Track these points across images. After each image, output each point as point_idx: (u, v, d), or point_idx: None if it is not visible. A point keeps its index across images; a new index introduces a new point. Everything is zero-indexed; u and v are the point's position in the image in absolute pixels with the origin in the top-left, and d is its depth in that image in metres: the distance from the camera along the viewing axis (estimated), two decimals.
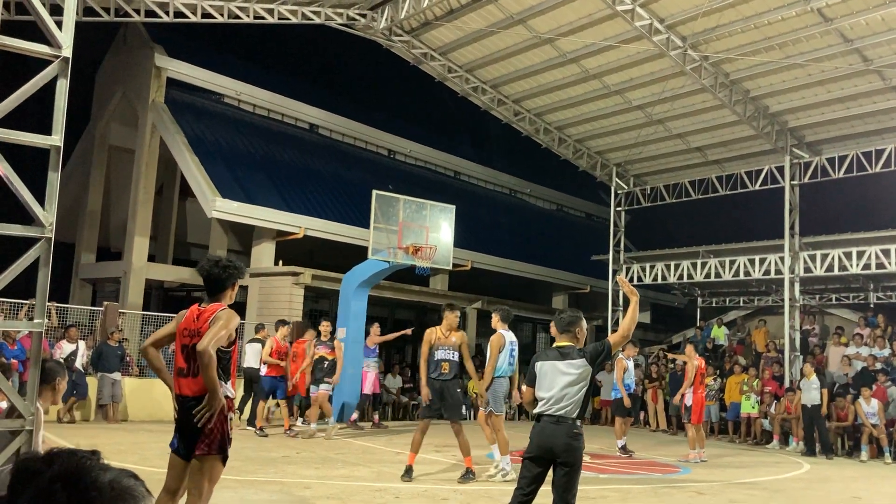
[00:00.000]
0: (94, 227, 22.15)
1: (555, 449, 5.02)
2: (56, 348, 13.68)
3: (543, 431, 5.08)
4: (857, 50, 14.93)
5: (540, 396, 5.17)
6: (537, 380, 5.23)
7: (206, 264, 4.84)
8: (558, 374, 5.13)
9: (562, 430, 5.03)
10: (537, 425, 5.16)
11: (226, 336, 4.54)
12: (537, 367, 5.27)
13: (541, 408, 5.15)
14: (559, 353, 5.25)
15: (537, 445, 5.10)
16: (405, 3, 16.66)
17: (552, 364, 5.20)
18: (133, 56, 20.84)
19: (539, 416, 5.17)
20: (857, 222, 19.43)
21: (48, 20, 4.85)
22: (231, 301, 4.86)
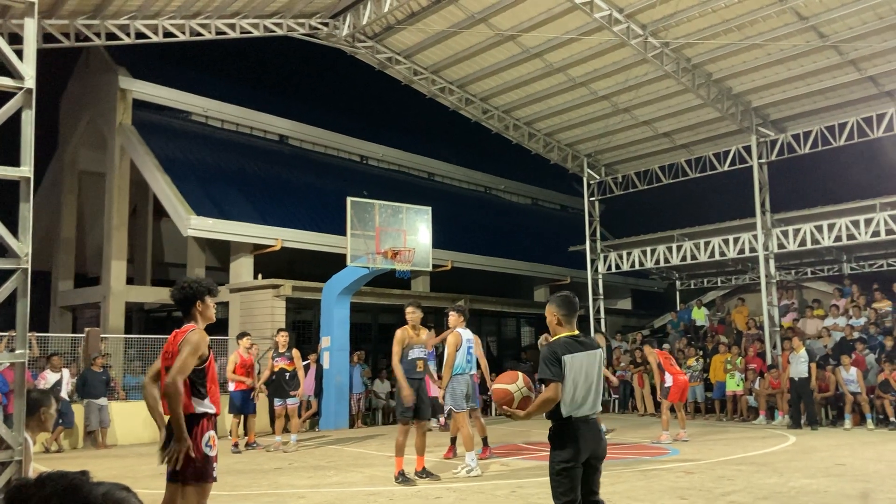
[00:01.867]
0: (70, 253, 22.02)
1: (600, 451, 4.69)
2: (40, 378, 13.59)
3: (590, 436, 4.60)
4: (814, 27, 15.18)
5: (576, 396, 4.56)
6: (569, 377, 4.55)
7: (172, 289, 4.98)
8: (592, 369, 4.66)
9: (600, 431, 4.73)
10: (580, 429, 4.57)
11: (193, 360, 4.59)
12: (568, 361, 4.57)
13: (580, 410, 4.58)
14: (580, 343, 4.70)
15: (587, 451, 4.58)
16: (366, 10, 16.71)
17: (584, 356, 4.64)
18: (97, 80, 20.74)
19: (577, 419, 4.58)
20: (826, 196, 19.76)
21: (8, 52, 4.88)
22: (206, 320, 4.90)
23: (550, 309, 4.80)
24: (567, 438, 4.52)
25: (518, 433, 14.83)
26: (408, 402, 8.84)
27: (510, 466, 10.32)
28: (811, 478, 8.83)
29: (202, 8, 16.13)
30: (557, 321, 4.78)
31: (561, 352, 4.58)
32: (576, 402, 4.55)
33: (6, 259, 4.69)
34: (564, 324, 4.77)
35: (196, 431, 4.61)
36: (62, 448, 13.63)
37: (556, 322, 4.79)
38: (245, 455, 12.23)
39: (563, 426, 4.56)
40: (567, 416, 4.53)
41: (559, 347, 4.62)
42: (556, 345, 4.66)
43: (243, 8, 16.49)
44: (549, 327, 4.89)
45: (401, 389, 8.95)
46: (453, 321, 10.15)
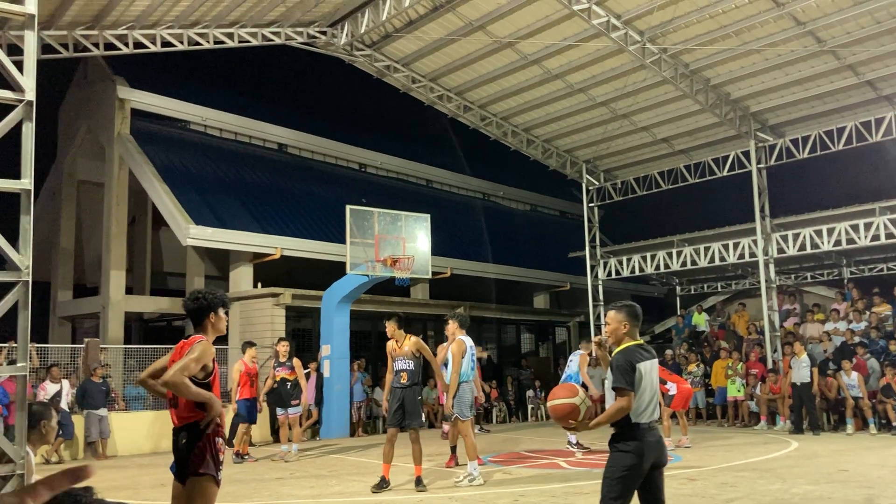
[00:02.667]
0: (69, 263, 21.98)
1: (663, 459, 4.65)
2: (39, 389, 13.56)
3: (654, 442, 4.57)
4: (811, 32, 15.22)
5: (643, 402, 4.56)
6: (640, 384, 4.55)
7: (186, 299, 4.96)
8: (655, 376, 4.70)
9: (661, 437, 4.66)
10: (646, 436, 4.54)
11: (196, 367, 4.56)
12: (640, 368, 4.58)
13: (644, 416, 4.57)
14: (647, 351, 4.74)
15: (651, 458, 4.54)
16: (364, 18, 16.74)
17: (651, 364, 4.68)
18: (95, 90, 20.74)
19: (643, 425, 4.55)
20: (826, 200, 19.77)
21: (9, 64, 4.88)
22: (217, 332, 4.87)
23: (617, 317, 4.81)
24: (632, 445, 4.51)
25: (517, 441, 14.80)
26: (384, 411, 9.27)
27: (512, 475, 10.29)
28: (814, 484, 8.80)
29: (200, 17, 16.15)
30: (626, 330, 4.79)
31: (636, 360, 4.60)
32: (642, 409, 4.55)
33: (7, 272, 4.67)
34: (630, 332, 4.79)
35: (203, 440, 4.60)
36: (62, 459, 13.58)
37: (623, 330, 4.79)
38: (246, 465, 12.18)
39: (629, 432, 4.54)
40: (634, 422, 4.53)
41: (633, 356, 4.63)
42: (630, 353, 4.66)
43: (241, 17, 16.52)
44: (613, 335, 4.83)
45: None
46: (452, 329, 10.11)
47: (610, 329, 4.85)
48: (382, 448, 9.24)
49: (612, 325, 4.83)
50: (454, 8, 16.11)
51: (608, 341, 4.93)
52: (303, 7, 16.52)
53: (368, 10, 16.57)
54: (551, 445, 13.76)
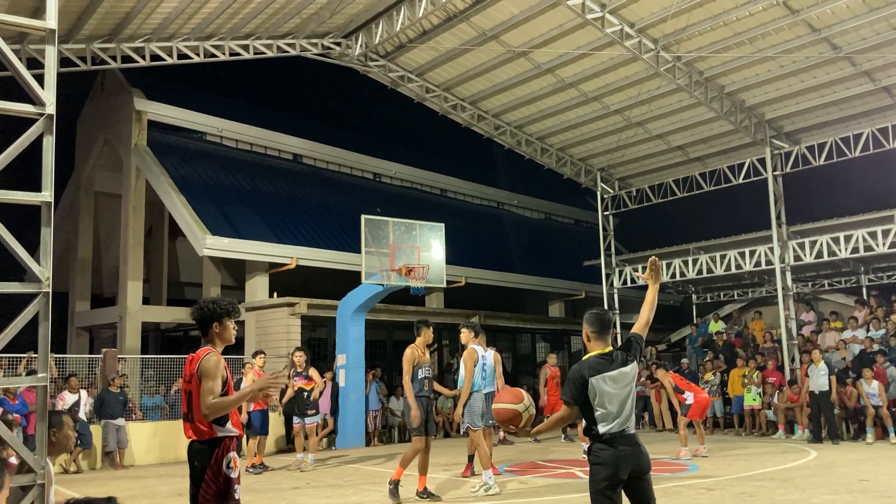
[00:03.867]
0: (87, 274, 22.17)
1: (642, 465, 4.56)
2: (58, 399, 13.66)
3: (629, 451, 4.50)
4: (826, 39, 15.15)
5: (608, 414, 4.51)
6: (599, 397, 4.51)
7: (192, 308, 4.98)
8: (623, 384, 4.57)
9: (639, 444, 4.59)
10: (618, 446, 4.49)
11: (217, 385, 4.59)
12: (594, 382, 4.52)
13: (614, 426, 4.52)
14: (610, 361, 4.61)
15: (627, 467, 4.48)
16: (378, 29, 16.84)
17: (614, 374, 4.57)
18: (112, 102, 20.96)
19: (613, 435, 4.51)
20: (843, 207, 19.61)
21: (29, 78, 4.93)
22: (224, 342, 4.84)
23: (584, 326, 4.77)
24: (605, 456, 4.47)
25: (536, 451, 14.75)
26: (415, 423, 8.87)
27: (528, 485, 10.26)
28: (834, 494, 8.72)
29: (216, 30, 16.31)
30: (588, 338, 4.74)
31: (588, 374, 4.54)
32: (608, 420, 4.49)
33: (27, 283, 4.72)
34: (595, 341, 4.70)
35: (218, 453, 4.60)
36: (81, 469, 13.67)
37: (587, 339, 4.75)
38: (263, 475, 12.20)
39: (599, 443, 4.53)
40: (602, 433, 4.49)
41: (586, 369, 4.57)
42: (584, 366, 4.61)
43: (256, 29, 16.66)
44: (585, 344, 4.81)
45: (409, 409, 8.90)
46: (465, 338, 10.11)
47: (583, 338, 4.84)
48: (418, 459, 8.99)
49: (582, 334, 4.81)
50: (468, 18, 16.18)
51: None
52: (318, 18, 16.64)
53: (383, 21, 16.67)
54: (567, 455, 13.71)
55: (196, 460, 4.59)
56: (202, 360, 4.65)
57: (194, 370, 4.66)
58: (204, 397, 4.54)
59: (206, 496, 4.51)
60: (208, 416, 4.53)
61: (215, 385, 4.57)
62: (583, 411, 4.60)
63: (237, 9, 15.50)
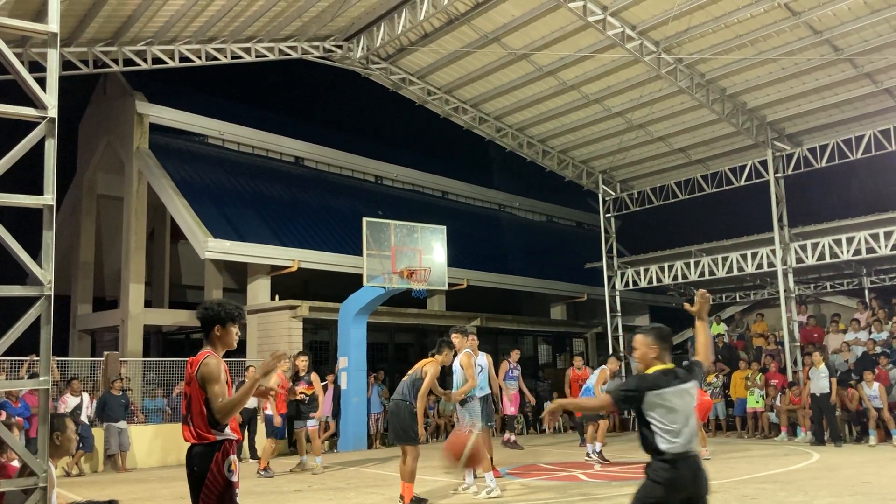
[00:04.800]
0: (89, 277, 22.18)
1: (702, 491, 4.38)
2: (60, 402, 13.67)
3: (689, 475, 4.32)
4: (828, 41, 15.15)
5: (673, 429, 4.34)
6: (662, 411, 4.36)
7: (198, 307, 4.96)
8: (686, 401, 4.42)
9: (702, 469, 4.38)
10: (679, 467, 4.30)
11: (222, 388, 4.58)
12: (655, 395, 4.39)
13: (682, 446, 4.33)
14: (676, 377, 4.47)
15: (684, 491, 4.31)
16: (380, 31, 16.86)
17: (678, 389, 4.43)
18: (114, 105, 20.98)
19: (676, 455, 4.32)
20: (844, 209, 19.60)
21: (31, 82, 4.95)
22: (225, 346, 4.78)
23: (645, 341, 4.59)
24: (664, 477, 4.29)
25: (536, 453, 14.74)
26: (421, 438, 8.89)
27: (530, 487, 10.24)
28: (837, 496, 8.70)
29: (218, 33, 16.33)
30: (655, 354, 4.56)
31: (649, 387, 4.41)
32: (670, 438, 4.32)
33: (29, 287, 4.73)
34: (656, 356, 4.55)
35: (217, 457, 4.59)
36: (83, 472, 13.66)
37: (652, 355, 4.56)
38: (265, 479, 12.18)
39: (660, 461, 4.34)
40: (664, 452, 4.32)
41: (645, 384, 4.45)
42: (644, 380, 4.48)
43: (258, 32, 16.68)
44: (641, 360, 4.61)
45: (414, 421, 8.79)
46: (458, 343, 9.96)
47: (638, 354, 4.63)
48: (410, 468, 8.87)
49: (639, 349, 4.61)
50: (469, 21, 16.19)
51: (638, 367, 4.71)
52: (319, 22, 16.66)
53: (384, 24, 16.69)
54: (570, 458, 13.70)
55: (195, 464, 4.58)
56: (202, 364, 4.64)
57: (194, 373, 4.65)
58: (214, 402, 4.54)
59: (207, 500, 4.51)
60: (223, 418, 4.53)
61: (221, 388, 4.57)
62: (642, 427, 4.46)
63: (239, 12, 15.52)
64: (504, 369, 16.38)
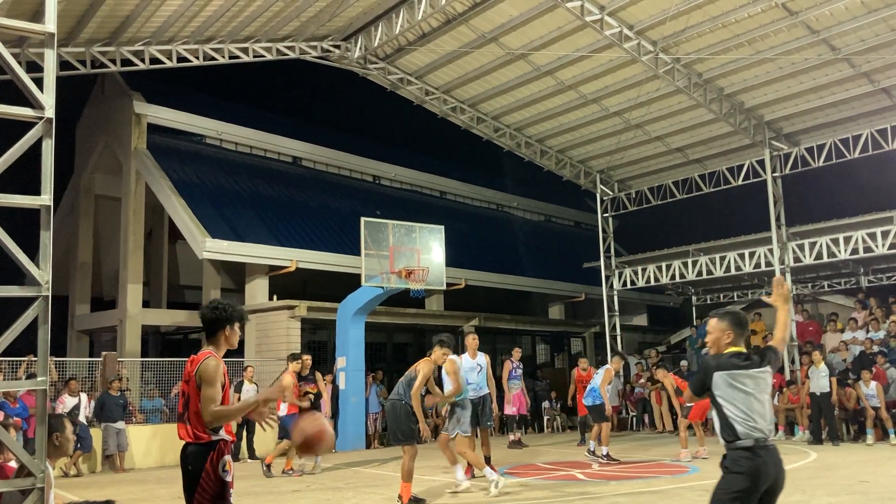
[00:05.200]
0: (87, 277, 22.16)
1: (780, 482, 4.25)
2: (58, 402, 13.66)
3: (772, 463, 4.17)
4: (825, 40, 15.16)
5: (749, 416, 4.18)
6: (732, 396, 4.22)
7: (203, 307, 4.93)
8: (761, 387, 4.26)
9: (780, 459, 4.25)
10: (761, 456, 4.14)
11: (218, 393, 4.58)
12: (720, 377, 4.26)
13: (755, 433, 4.19)
14: (747, 359, 4.31)
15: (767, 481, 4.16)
16: (377, 31, 16.86)
17: (753, 373, 4.27)
18: (112, 105, 20.97)
19: (756, 444, 4.17)
20: (842, 209, 19.64)
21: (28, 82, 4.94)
22: (229, 346, 4.82)
23: (720, 326, 4.44)
24: (746, 466, 4.11)
25: (534, 453, 14.75)
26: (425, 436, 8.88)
27: (529, 486, 10.25)
28: (834, 496, 8.71)
29: (215, 33, 16.33)
30: (729, 340, 4.40)
31: (716, 366, 4.27)
32: (748, 425, 4.17)
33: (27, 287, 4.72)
34: (731, 341, 4.39)
35: (212, 457, 4.58)
36: (81, 472, 13.65)
37: (726, 340, 4.40)
38: (262, 478, 12.17)
39: (740, 452, 4.16)
40: (742, 439, 4.17)
41: (715, 361, 4.33)
42: (716, 359, 4.35)
43: (256, 32, 16.68)
44: (714, 345, 4.46)
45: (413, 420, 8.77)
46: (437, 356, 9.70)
47: (711, 339, 4.47)
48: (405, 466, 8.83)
49: (713, 334, 4.45)
50: (467, 20, 16.20)
51: (710, 351, 4.54)
52: (317, 21, 16.66)
53: (382, 24, 16.69)
54: (568, 457, 13.71)
55: (190, 463, 4.57)
56: (202, 364, 4.64)
57: (193, 372, 4.65)
58: (206, 405, 4.53)
59: (202, 499, 4.51)
60: (210, 423, 4.53)
61: (216, 392, 4.55)
62: (717, 412, 4.30)
63: (236, 12, 15.52)
64: (507, 369, 16.47)
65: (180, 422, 4.70)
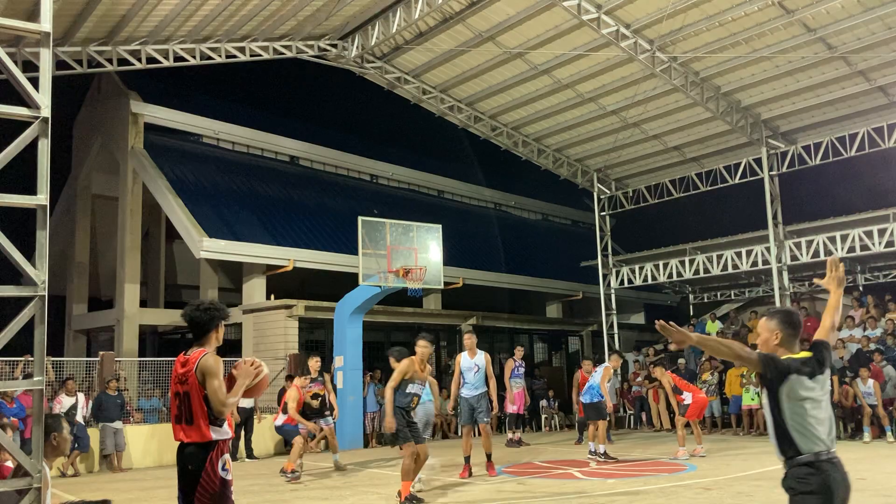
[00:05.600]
0: (84, 277, 22.15)
1: (847, 499, 3.75)
2: (55, 402, 13.65)
3: (841, 480, 3.70)
4: (821, 39, 15.18)
5: (810, 429, 3.71)
6: (796, 404, 3.74)
7: (190, 309, 4.92)
8: (825, 396, 3.82)
9: (846, 474, 3.76)
10: (829, 473, 3.66)
11: (223, 384, 4.63)
12: (796, 380, 3.75)
13: (820, 446, 3.70)
14: (807, 366, 3.83)
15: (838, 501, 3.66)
16: (374, 30, 16.85)
17: (819, 380, 3.82)
18: (109, 105, 20.95)
19: (823, 460, 3.68)
20: (839, 207, 19.67)
21: (24, 81, 4.93)
22: (217, 343, 4.90)
23: (768, 326, 4.00)
24: (816, 483, 3.64)
25: (531, 452, 14.76)
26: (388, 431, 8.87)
27: (526, 485, 10.26)
28: None
29: (212, 32, 16.31)
30: (778, 340, 3.94)
31: (794, 369, 3.77)
32: (814, 436, 3.70)
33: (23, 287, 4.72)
34: (784, 344, 3.92)
35: (213, 456, 4.59)
36: (78, 472, 13.64)
37: (775, 341, 3.94)
38: (260, 477, 12.17)
39: (806, 468, 3.68)
40: (805, 454, 3.68)
41: (793, 363, 3.80)
42: (793, 360, 3.83)
43: (252, 31, 16.66)
44: (764, 347, 4.01)
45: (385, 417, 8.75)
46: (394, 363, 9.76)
47: (760, 340, 4.05)
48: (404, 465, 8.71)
49: (762, 334, 4.03)
50: (464, 19, 16.19)
51: None
52: (313, 21, 16.65)
53: (379, 23, 16.68)
54: (565, 456, 13.72)
55: (190, 463, 4.57)
56: (201, 361, 4.65)
57: (192, 370, 4.65)
58: (215, 394, 4.57)
59: (202, 499, 4.51)
60: (222, 412, 4.59)
61: (221, 383, 4.63)
62: (779, 425, 3.77)
63: (233, 11, 15.50)
64: (510, 367, 16.44)
65: (177, 424, 4.70)
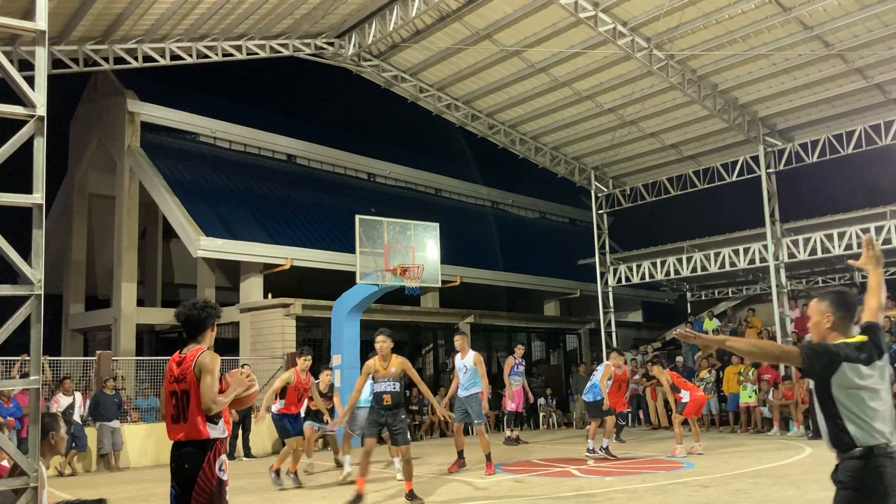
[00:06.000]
0: (81, 276, 22.11)
1: None
2: (52, 402, 13.63)
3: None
4: (818, 36, 15.18)
5: (868, 420, 3.43)
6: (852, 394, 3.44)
7: (184, 308, 4.90)
8: (886, 385, 3.50)
9: None
10: (886, 468, 3.40)
11: (216, 380, 4.61)
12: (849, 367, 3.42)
13: (879, 439, 3.43)
14: (862, 351, 3.49)
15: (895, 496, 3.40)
16: (371, 28, 16.83)
17: (874, 369, 3.48)
18: (105, 103, 20.91)
19: (879, 453, 3.43)
20: (836, 204, 19.69)
21: (20, 80, 4.91)
22: (211, 342, 4.90)
23: (819, 308, 3.67)
24: (870, 480, 3.39)
25: (529, 450, 14.77)
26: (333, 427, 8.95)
27: (524, 483, 10.26)
28: (829, 490, 8.62)
29: (209, 30, 16.28)
30: (830, 324, 3.61)
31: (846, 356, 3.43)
32: (873, 428, 3.41)
33: (19, 286, 4.70)
34: (838, 328, 3.59)
35: (210, 456, 4.58)
36: (76, 471, 13.63)
37: (826, 325, 3.62)
38: (258, 476, 12.14)
39: (859, 461, 3.43)
40: (862, 446, 3.43)
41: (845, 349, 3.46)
42: (846, 346, 3.49)
43: (249, 29, 16.63)
44: (815, 331, 3.68)
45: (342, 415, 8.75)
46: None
47: (811, 323, 3.71)
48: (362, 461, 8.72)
49: (812, 317, 3.69)
50: (461, 17, 16.18)
51: (812, 339, 3.77)
52: (310, 19, 16.62)
53: (375, 21, 16.66)
54: (563, 453, 13.72)
55: (186, 462, 4.56)
56: (199, 358, 4.64)
57: (190, 367, 4.64)
58: (208, 391, 4.54)
59: (199, 499, 4.50)
60: (212, 409, 4.54)
61: (215, 380, 4.60)
62: (830, 417, 3.52)
63: (230, 9, 15.47)
64: (510, 364, 16.41)
65: (173, 423, 4.68)
